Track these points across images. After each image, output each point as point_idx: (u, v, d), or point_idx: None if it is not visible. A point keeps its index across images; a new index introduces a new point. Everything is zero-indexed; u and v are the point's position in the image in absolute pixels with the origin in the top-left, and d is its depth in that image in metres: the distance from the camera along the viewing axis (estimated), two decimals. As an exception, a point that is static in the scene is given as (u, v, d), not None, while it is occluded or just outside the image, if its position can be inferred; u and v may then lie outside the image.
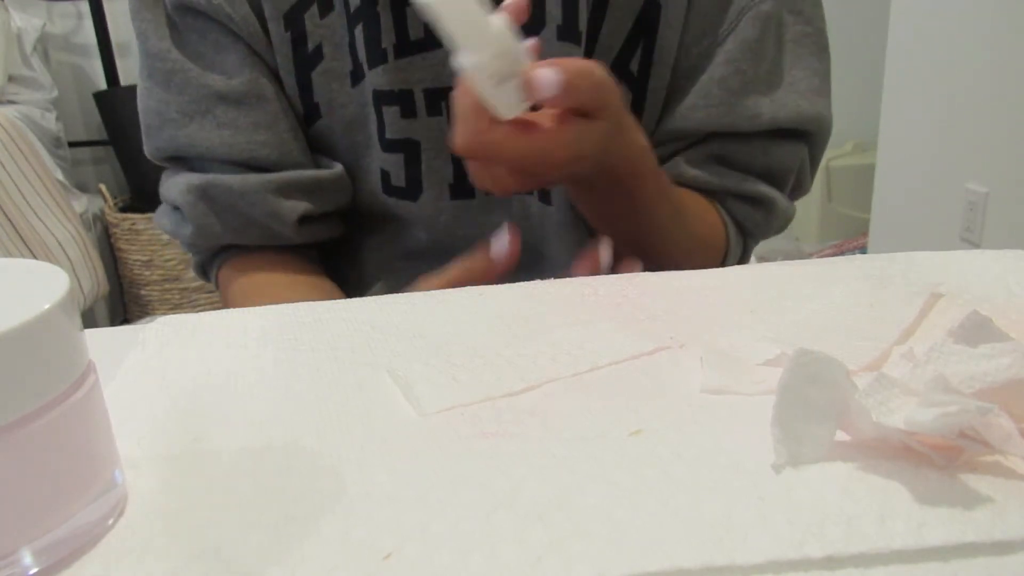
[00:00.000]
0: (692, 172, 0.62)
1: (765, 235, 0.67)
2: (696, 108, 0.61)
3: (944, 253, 0.46)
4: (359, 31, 0.59)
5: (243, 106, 0.61)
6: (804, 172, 0.66)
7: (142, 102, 0.63)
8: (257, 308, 0.44)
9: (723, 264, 0.65)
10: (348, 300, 0.45)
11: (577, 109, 0.47)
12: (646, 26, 0.60)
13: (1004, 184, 1.80)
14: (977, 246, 1.89)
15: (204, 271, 0.68)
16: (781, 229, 0.67)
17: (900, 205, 2.17)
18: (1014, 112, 1.74)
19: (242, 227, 0.62)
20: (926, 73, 2.00)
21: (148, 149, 0.64)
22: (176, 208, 0.63)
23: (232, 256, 0.65)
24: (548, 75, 0.44)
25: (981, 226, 1.87)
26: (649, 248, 0.57)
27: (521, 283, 0.46)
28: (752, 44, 0.60)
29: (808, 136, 0.64)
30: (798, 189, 0.67)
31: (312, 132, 0.64)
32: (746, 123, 0.61)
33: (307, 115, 0.63)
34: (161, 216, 0.66)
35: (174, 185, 0.63)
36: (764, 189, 0.63)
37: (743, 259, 0.68)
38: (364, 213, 0.67)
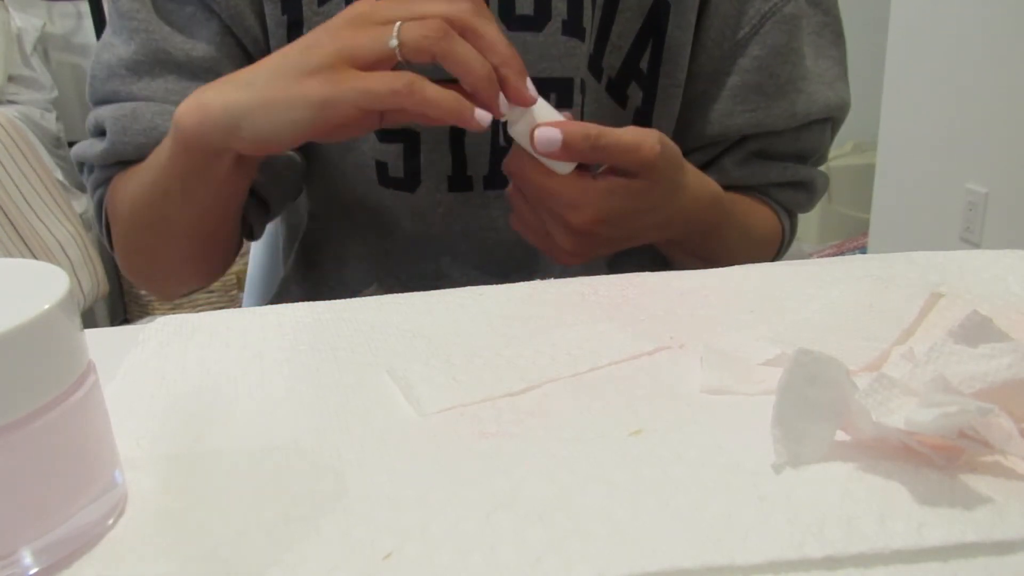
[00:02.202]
0: (737, 173, 0.66)
1: (809, 210, 0.71)
2: (734, 115, 0.64)
3: (944, 253, 0.46)
4: None
5: (197, 80, 0.60)
6: (826, 147, 0.70)
7: (97, 56, 0.62)
8: (257, 308, 0.44)
9: (779, 250, 0.71)
10: (348, 300, 0.45)
11: (617, 169, 0.50)
12: (655, 26, 0.62)
13: (1004, 184, 1.80)
14: (977, 246, 1.89)
15: (100, 204, 0.64)
16: (819, 200, 0.72)
17: (900, 205, 2.17)
18: (1014, 112, 1.74)
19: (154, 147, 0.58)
20: (926, 73, 2.00)
21: (89, 96, 0.62)
22: (100, 133, 0.61)
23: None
24: (547, 133, 0.47)
25: (981, 226, 1.87)
26: (715, 262, 0.61)
27: (521, 283, 0.46)
28: (782, 48, 0.63)
29: (832, 119, 0.68)
30: (819, 162, 0.71)
31: None
32: (783, 122, 0.64)
33: None
34: (77, 147, 0.64)
35: (106, 108, 0.61)
36: (803, 172, 0.67)
37: (791, 235, 0.72)
38: (352, 209, 0.67)
